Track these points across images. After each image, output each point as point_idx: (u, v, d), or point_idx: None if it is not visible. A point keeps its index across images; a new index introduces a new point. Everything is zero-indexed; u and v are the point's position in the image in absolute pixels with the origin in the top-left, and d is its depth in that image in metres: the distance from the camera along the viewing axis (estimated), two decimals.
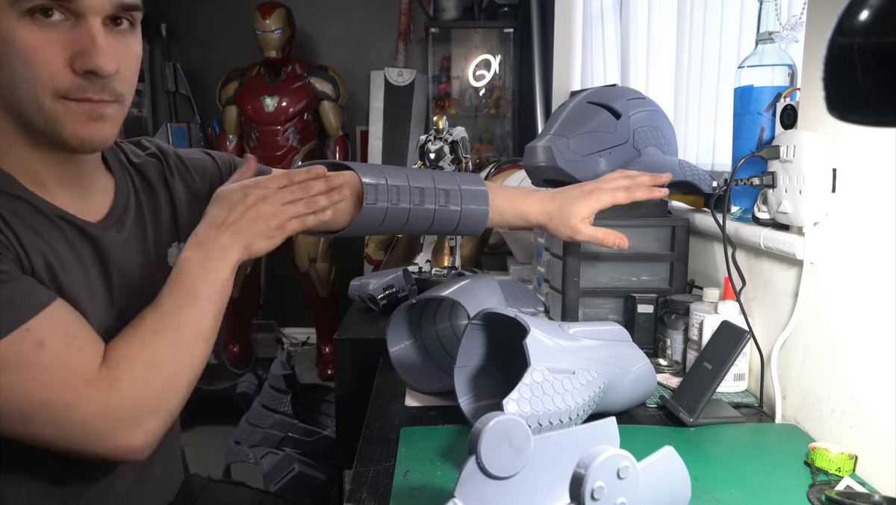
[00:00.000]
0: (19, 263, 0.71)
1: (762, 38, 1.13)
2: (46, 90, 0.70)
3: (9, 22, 0.68)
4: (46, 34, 0.69)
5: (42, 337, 0.68)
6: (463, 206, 1.04)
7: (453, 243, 1.75)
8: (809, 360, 0.98)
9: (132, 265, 0.85)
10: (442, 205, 1.04)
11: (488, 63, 3.97)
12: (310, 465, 2.11)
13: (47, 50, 0.69)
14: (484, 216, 1.05)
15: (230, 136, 3.61)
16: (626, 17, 2.24)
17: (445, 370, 1.09)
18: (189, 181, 0.94)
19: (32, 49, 0.68)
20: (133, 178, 0.89)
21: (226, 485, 1.13)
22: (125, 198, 0.86)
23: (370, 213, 1.01)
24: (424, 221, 1.03)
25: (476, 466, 0.64)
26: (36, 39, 0.68)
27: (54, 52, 0.69)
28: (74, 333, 0.71)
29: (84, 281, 0.78)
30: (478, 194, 1.06)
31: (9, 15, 0.67)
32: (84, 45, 0.69)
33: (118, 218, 0.84)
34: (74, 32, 0.70)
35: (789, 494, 0.78)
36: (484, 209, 1.05)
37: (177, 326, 0.77)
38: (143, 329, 0.76)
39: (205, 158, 0.99)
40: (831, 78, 0.40)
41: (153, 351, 0.75)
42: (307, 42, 3.95)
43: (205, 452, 2.58)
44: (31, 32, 0.68)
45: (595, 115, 1.45)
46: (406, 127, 3.79)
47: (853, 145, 0.89)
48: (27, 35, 0.68)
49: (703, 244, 1.35)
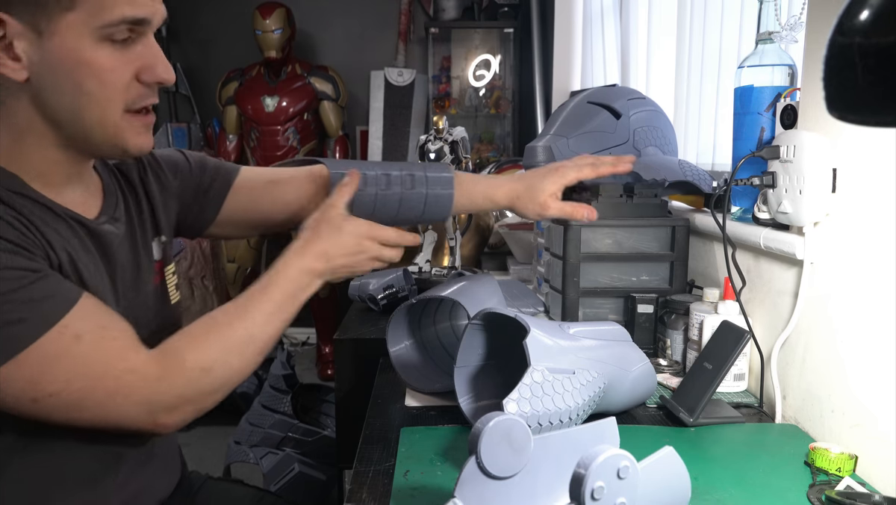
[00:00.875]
0: (48, 259, 0.74)
1: (762, 38, 1.13)
2: (117, 106, 0.76)
3: (85, 47, 0.73)
4: (119, 54, 0.75)
5: (78, 331, 0.72)
6: (428, 190, 1.05)
7: (453, 243, 1.75)
8: (809, 360, 0.98)
9: (128, 261, 0.88)
10: (408, 188, 1.05)
11: (488, 63, 3.96)
12: (310, 465, 2.10)
13: (123, 68, 0.75)
14: (449, 200, 1.06)
15: (230, 136, 3.61)
16: (626, 17, 2.24)
17: (445, 370, 1.09)
18: (162, 178, 0.98)
19: (110, 70, 0.74)
20: (117, 177, 0.92)
21: (224, 482, 1.13)
22: (114, 196, 0.89)
23: None
24: (392, 206, 1.04)
25: (476, 466, 0.64)
26: (112, 60, 0.75)
27: (127, 68, 0.76)
28: (105, 324, 0.75)
29: (98, 277, 0.81)
30: (443, 179, 1.06)
31: (85, 39, 0.73)
32: (150, 60, 0.77)
33: (111, 215, 0.87)
34: (138, 49, 0.77)
35: (789, 494, 0.78)
36: (449, 192, 1.06)
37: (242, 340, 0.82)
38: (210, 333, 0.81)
39: (177, 156, 1.02)
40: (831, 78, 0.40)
41: (210, 356, 0.79)
42: (307, 42, 3.95)
43: (205, 451, 2.58)
44: (107, 54, 0.74)
45: (595, 115, 1.45)
46: (406, 127, 3.79)
47: (853, 145, 0.89)
48: (104, 57, 0.74)
49: (703, 244, 1.35)
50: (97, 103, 0.75)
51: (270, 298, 0.84)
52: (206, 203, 1.03)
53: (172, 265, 0.97)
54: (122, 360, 0.74)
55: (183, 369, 0.77)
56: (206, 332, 0.81)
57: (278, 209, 1.06)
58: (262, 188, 1.06)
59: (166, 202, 0.97)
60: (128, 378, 0.74)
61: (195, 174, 1.01)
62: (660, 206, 1.32)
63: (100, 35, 0.73)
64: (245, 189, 1.05)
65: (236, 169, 1.06)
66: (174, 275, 0.97)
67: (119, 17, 0.73)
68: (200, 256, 3.75)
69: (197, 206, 1.02)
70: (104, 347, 0.73)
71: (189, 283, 3.73)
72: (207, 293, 3.80)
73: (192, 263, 3.74)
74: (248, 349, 0.82)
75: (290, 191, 1.06)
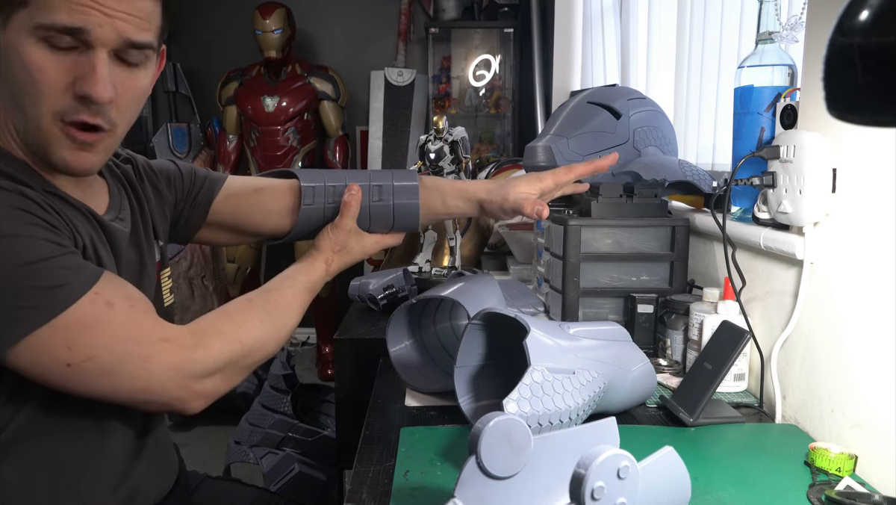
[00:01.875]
0: (74, 241, 0.77)
1: (762, 38, 1.13)
2: (47, 110, 0.75)
3: (25, 41, 0.73)
4: (56, 57, 0.74)
5: (109, 298, 0.74)
6: (395, 200, 1.07)
7: (453, 243, 1.75)
8: (809, 360, 0.98)
9: (133, 260, 0.90)
10: (375, 201, 1.06)
11: (488, 63, 3.97)
12: (310, 465, 2.10)
13: (54, 72, 0.74)
14: (415, 209, 1.06)
15: (230, 136, 3.61)
16: (626, 17, 2.24)
17: (445, 370, 1.09)
18: (157, 185, 1.00)
19: (40, 70, 0.74)
20: (120, 180, 0.94)
21: (222, 481, 1.14)
22: (118, 197, 0.91)
23: (308, 214, 1.06)
24: (363, 219, 1.05)
25: (476, 466, 0.64)
26: (46, 61, 0.74)
27: (60, 74, 0.74)
28: (133, 296, 0.78)
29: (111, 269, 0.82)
30: (409, 189, 1.07)
31: (28, 36, 0.73)
32: (84, 72, 0.74)
33: (117, 214, 0.89)
34: (81, 59, 0.75)
35: (789, 494, 0.78)
36: (414, 203, 1.06)
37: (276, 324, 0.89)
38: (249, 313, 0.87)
39: (170, 166, 1.05)
40: (831, 78, 0.40)
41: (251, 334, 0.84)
42: (307, 42, 3.94)
43: (205, 451, 2.58)
44: (43, 54, 0.74)
45: (595, 115, 1.45)
46: (406, 127, 3.79)
47: (853, 145, 0.89)
48: (38, 56, 0.74)
49: (703, 244, 1.35)
50: (31, 102, 0.75)
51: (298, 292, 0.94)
52: (194, 210, 1.05)
53: (168, 269, 0.99)
54: (159, 329, 0.77)
55: (221, 341, 0.81)
56: (244, 312, 0.86)
57: (262, 217, 1.08)
58: (248, 196, 1.08)
59: (162, 208, 1.00)
60: (164, 346, 0.76)
61: (186, 183, 1.04)
62: (660, 206, 1.32)
63: (39, 35, 0.73)
64: (232, 196, 1.07)
65: (223, 178, 1.09)
66: (169, 279, 0.99)
67: (50, 22, 0.72)
68: (200, 256, 3.75)
69: (187, 213, 1.05)
70: (135, 316, 0.76)
71: (189, 283, 3.73)
72: (207, 293, 3.80)
73: (192, 263, 3.74)
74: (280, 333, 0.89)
75: (272, 199, 1.08)
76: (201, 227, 1.07)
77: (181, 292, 3.66)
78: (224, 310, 0.86)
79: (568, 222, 1.28)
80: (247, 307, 0.87)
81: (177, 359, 0.77)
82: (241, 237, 1.11)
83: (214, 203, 1.06)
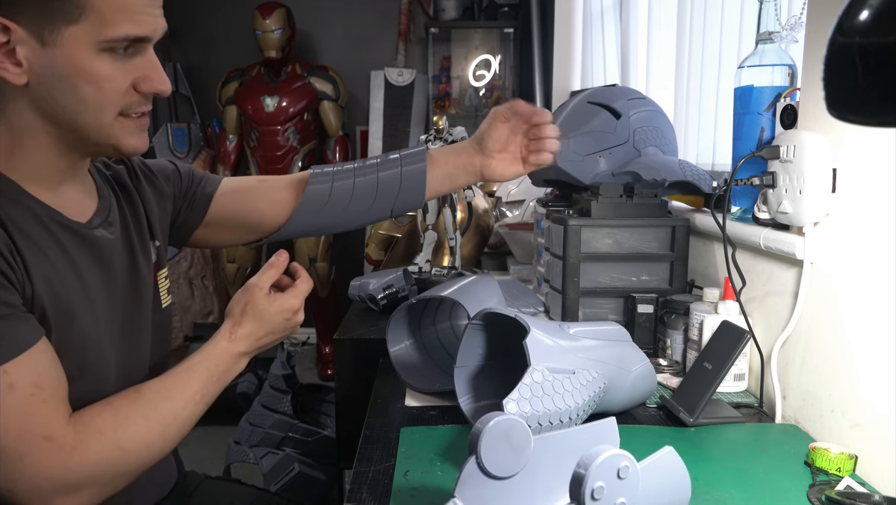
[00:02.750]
0: (22, 287, 0.73)
1: (762, 38, 1.13)
2: (112, 111, 0.78)
3: (86, 56, 0.75)
4: (118, 64, 0.77)
5: (14, 380, 0.69)
6: (402, 166, 1.09)
7: (453, 243, 1.75)
8: (809, 360, 0.98)
9: (125, 265, 0.89)
10: (384, 169, 1.09)
11: (488, 63, 3.96)
12: (310, 465, 2.10)
13: (120, 78, 0.77)
14: (422, 173, 1.09)
15: (230, 136, 3.61)
16: (626, 17, 2.24)
17: (445, 370, 1.09)
18: (156, 183, 1.00)
19: (108, 78, 0.77)
20: (111, 183, 0.93)
21: (222, 481, 1.13)
22: (108, 200, 0.90)
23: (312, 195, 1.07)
24: (369, 191, 1.07)
25: (476, 466, 0.64)
26: (112, 70, 0.77)
27: (124, 79, 0.78)
28: (43, 384, 0.72)
29: (79, 288, 0.80)
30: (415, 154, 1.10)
31: (87, 49, 0.75)
32: (148, 71, 0.79)
33: (105, 218, 0.87)
34: (138, 60, 0.79)
35: (789, 494, 0.78)
36: (421, 165, 1.09)
37: (165, 420, 0.80)
38: (133, 409, 0.78)
39: (167, 165, 1.05)
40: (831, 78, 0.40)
41: (129, 434, 0.76)
42: (307, 42, 3.94)
43: (205, 451, 2.57)
44: (107, 65, 0.76)
45: (595, 115, 1.45)
46: (406, 127, 3.79)
47: (853, 145, 0.89)
48: (104, 67, 0.76)
49: (703, 244, 1.35)
50: (93, 108, 0.77)
51: (197, 379, 0.83)
52: (192, 209, 1.05)
53: (165, 270, 0.97)
54: (44, 426, 0.71)
55: (99, 445, 0.74)
56: (129, 407, 0.78)
57: (266, 206, 1.09)
58: (251, 188, 1.10)
59: (161, 207, 0.99)
60: (42, 445, 0.70)
61: (185, 181, 1.04)
62: (660, 206, 1.32)
63: (101, 48, 0.75)
64: (234, 192, 1.08)
65: (221, 177, 1.10)
66: (166, 279, 0.98)
67: (122, 35, 0.75)
68: (200, 256, 3.75)
69: (185, 213, 1.05)
70: (31, 408, 0.70)
71: (189, 283, 3.73)
72: (207, 293, 3.80)
73: (192, 263, 3.74)
74: (170, 430, 0.80)
75: (275, 188, 1.10)
76: (198, 228, 1.06)
77: (181, 292, 3.66)
78: (110, 402, 0.78)
79: (568, 222, 1.28)
80: (133, 399, 0.79)
81: (51, 464, 0.71)
82: (242, 234, 1.11)
83: (215, 199, 1.06)
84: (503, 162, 1.10)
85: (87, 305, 0.80)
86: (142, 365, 0.90)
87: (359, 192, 1.09)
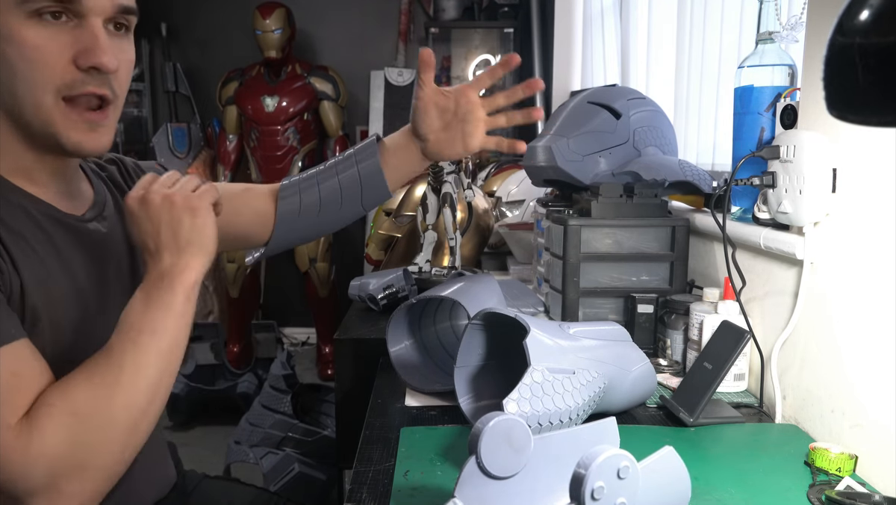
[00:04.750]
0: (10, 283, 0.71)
1: (762, 38, 1.13)
2: (49, 89, 0.72)
3: (13, 22, 0.70)
4: (51, 33, 0.71)
5: None
6: (358, 165, 1.06)
7: (453, 243, 1.75)
8: (809, 359, 0.98)
9: (120, 258, 0.88)
10: (341, 171, 1.06)
11: (488, 63, 3.96)
12: (310, 465, 2.11)
13: (52, 48, 0.71)
14: (377, 168, 1.05)
15: (230, 136, 3.61)
16: (626, 17, 2.24)
17: (445, 370, 1.09)
18: None
19: (37, 48, 0.71)
20: (105, 181, 0.93)
21: (221, 481, 1.13)
22: (103, 196, 0.89)
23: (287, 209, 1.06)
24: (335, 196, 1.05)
25: (476, 466, 0.64)
26: (41, 38, 0.71)
27: (59, 50, 0.71)
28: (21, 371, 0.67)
29: (69, 281, 0.79)
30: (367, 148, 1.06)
31: (14, 15, 0.70)
32: (88, 43, 0.72)
33: (100, 213, 0.87)
34: (77, 32, 0.72)
35: (789, 494, 0.78)
36: (374, 160, 1.05)
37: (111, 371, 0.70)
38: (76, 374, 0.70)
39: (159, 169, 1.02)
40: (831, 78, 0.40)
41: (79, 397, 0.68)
42: (307, 42, 3.94)
43: (205, 451, 2.58)
44: (36, 32, 0.70)
45: (595, 115, 1.45)
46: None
47: (853, 145, 0.89)
48: (32, 34, 0.70)
49: (703, 244, 1.35)
50: (27, 83, 0.72)
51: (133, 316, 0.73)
52: None
53: None
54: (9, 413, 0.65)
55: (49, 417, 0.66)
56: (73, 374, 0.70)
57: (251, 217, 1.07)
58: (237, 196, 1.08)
59: None
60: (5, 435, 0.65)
61: None
62: (660, 206, 1.32)
63: (27, 10, 0.70)
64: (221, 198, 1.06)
65: None
66: None
67: None
68: None
69: None
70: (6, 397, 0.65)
71: None
72: (207, 293, 3.80)
73: None
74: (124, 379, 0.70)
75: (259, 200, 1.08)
76: None
77: None
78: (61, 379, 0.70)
79: (568, 222, 1.28)
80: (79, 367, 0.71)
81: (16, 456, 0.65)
82: (229, 242, 1.09)
83: None
84: (440, 143, 1.03)
85: (78, 298, 0.79)
86: None
87: (325, 200, 1.07)
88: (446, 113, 1.02)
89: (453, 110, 1.02)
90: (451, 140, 1.03)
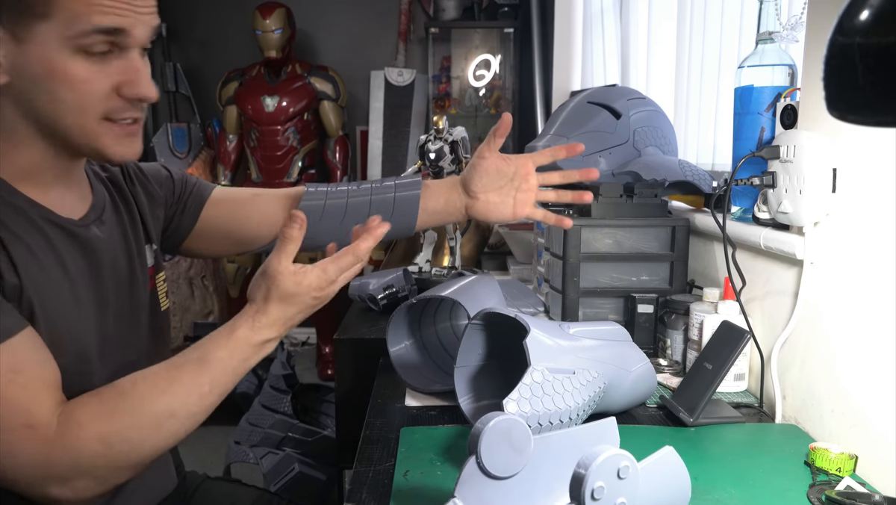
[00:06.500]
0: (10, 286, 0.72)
1: (762, 38, 1.13)
2: (94, 114, 0.76)
3: (58, 58, 0.72)
4: (97, 66, 0.74)
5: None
6: (396, 193, 1.07)
7: (453, 243, 1.75)
8: (809, 360, 0.97)
9: (121, 267, 0.88)
10: (376, 193, 1.07)
11: (488, 63, 3.96)
12: (310, 465, 2.11)
13: (99, 80, 0.74)
14: (415, 200, 1.06)
15: (230, 136, 3.61)
16: (626, 17, 2.24)
17: (445, 370, 1.09)
18: (148, 186, 0.99)
19: (85, 81, 0.74)
20: (106, 184, 0.93)
21: (222, 482, 1.13)
22: (102, 200, 0.89)
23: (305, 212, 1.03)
24: (362, 209, 1.05)
25: (476, 466, 0.64)
26: (88, 73, 0.74)
27: (102, 82, 0.75)
28: (21, 368, 0.69)
29: (67, 285, 0.79)
30: (410, 182, 1.08)
31: (60, 51, 0.72)
32: (130, 75, 0.76)
33: (98, 217, 0.87)
34: (118, 63, 0.75)
35: (789, 494, 0.78)
36: (415, 192, 1.06)
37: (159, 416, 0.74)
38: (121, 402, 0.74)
39: (162, 170, 1.04)
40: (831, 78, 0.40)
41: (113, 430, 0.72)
42: (307, 42, 3.94)
43: (205, 451, 2.57)
44: (82, 66, 0.73)
45: (595, 115, 1.45)
46: (406, 127, 3.79)
47: (853, 145, 0.89)
48: (80, 69, 0.73)
49: (703, 244, 1.35)
50: (72, 111, 0.75)
51: (209, 372, 0.77)
52: (184, 215, 1.05)
53: (163, 273, 0.97)
54: (26, 412, 0.69)
55: (79, 439, 0.70)
56: (117, 400, 0.73)
57: (259, 220, 1.08)
58: (246, 201, 1.08)
59: (153, 211, 0.98)
60: (23, 433, 0.68)
61: (177, 186, 1.04)
62: (660, 206, 1.32)
63: (74, 46, 0.72)
64: (227, 202, 1.07)
65: (213, 185, 1.09)
66: (164, 282, 0.97)
67: (90, 26, 0.71)
68: None
69: (177, 218, 1.04)
70: (10, 393, 0.68)
71: (189, 283, 3.73)
72: (207, 293, 3.80)
73: (192, 263, 3.74)
74: (167, 425, 0.75)
75: (270, 203, 1.08)
76: (189, 235, 1.05)
77: (181, 292, 3.66)
78: (100, 392, 0.74)
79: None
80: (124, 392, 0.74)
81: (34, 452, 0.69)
82: (232, 245, 1.10)
83: (207, 206, 1.05)
84: (488, 205, 1.05)
85: (75, 301, 0.80)
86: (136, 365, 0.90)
87: (351, 211, 1.07)
88: (503, 178, 1.05)
89: (510, 176, 1.05)
90: (501, 204, 1.06)
